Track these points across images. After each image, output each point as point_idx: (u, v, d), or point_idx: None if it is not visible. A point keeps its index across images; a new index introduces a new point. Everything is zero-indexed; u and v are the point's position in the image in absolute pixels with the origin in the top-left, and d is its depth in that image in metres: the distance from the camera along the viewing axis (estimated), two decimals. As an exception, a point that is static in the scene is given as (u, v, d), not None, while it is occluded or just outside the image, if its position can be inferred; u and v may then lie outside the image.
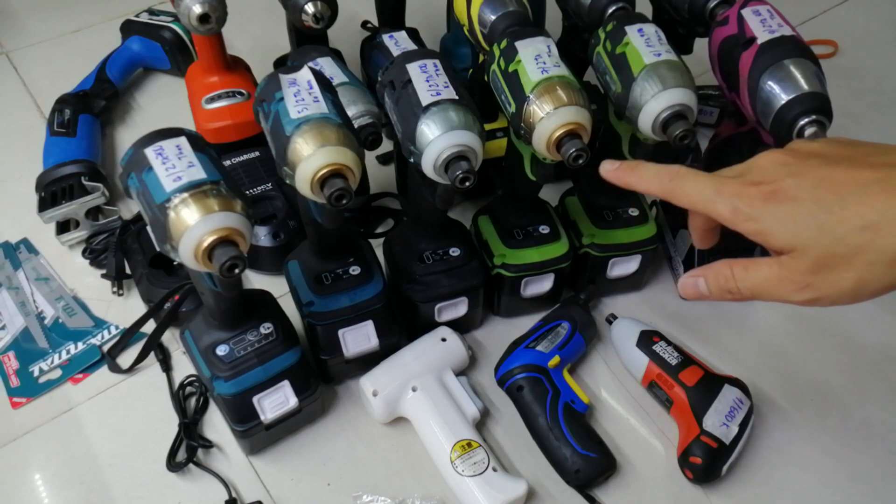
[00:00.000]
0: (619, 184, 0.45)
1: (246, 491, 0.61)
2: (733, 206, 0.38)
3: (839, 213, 0.35)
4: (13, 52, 1.06)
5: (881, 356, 0.72)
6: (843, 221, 0.35)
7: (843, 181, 0.36)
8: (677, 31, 0.68)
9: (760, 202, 0.37)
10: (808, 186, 0.36)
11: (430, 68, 0.54)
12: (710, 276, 0.41)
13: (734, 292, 0.40)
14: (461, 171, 0.50)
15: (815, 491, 0.62)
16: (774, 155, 0.39)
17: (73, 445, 0.64)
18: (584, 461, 0.60)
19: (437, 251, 0.66)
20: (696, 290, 0.42)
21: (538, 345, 0.66)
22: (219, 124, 0.80)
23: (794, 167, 0.37)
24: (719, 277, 0.40)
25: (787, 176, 0.37)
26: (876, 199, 0.35)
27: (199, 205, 0.43)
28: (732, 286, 0.40)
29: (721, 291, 0.41)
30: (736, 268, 0.40)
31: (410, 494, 0.60)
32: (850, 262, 0.35)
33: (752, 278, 0.39)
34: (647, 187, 0.43)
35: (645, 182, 0.43)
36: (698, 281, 0.41)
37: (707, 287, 0.41)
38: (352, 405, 0.66)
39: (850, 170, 0.36)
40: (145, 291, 0.71)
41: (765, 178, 0.38)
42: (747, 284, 0.39)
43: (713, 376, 0.64)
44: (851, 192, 0.35)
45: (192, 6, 0.70)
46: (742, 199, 0.38)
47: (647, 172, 0.43)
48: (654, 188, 0.42)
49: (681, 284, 0.43)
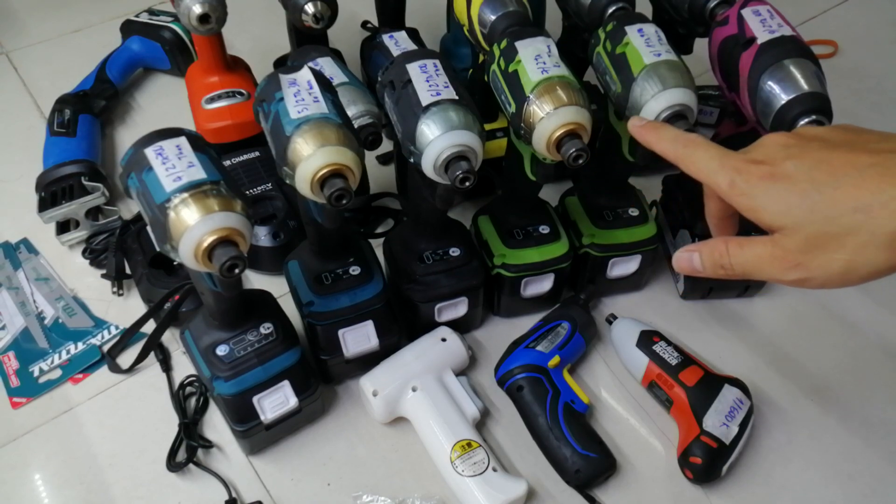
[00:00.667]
0: (640, 140, 0.46)
1: (246, 491, 0.61)
2: (731, 180, 0.39)
3: (832, 194, 0.35)
4: (13, 52, 1.06)
5: (881, 356, 0.72)
6: (836, 202, 0.35)
7: (840, 164, 0.36)
8: (677, 31, 0.68)
9: (757, 179, 0.38)
10: (806, 168, 0.37)
11: (430, 68, 0.54)
12: (706, 251, 0.41)
13: (727, 268, 0.40)
14: (461, 171, 0.50)
15: (815, 491, 0.62)
16: (779, 137, 0.40)
17: (73, 445, 0.64)
18: (584, 461, 0.60)
19: (437, 251, 0.66)
20: (691, 265, 0.42)
21: (538, 345, 0.66)
22: (219, 124, 0.80)
23: (795, 149, 0.38)
24: (714, 253, 0.41)
25: (787, 157, 0.38)
26: (871, 182, 0.35)
27: (199, 205, 0.43)
28: (726, 262, 0.40)
29: (714, 267, 0.41)
30: (731, 244, 0.40)
31: (410, 494, 0.60)
32: (841, 243, 0.35)
33: (745, 255, 0.39)
34: (663, 149, 0.44)
35: (663, 143, 0.44)
36: (693, 256, 0.42)
37: (701, 262, 0.42)
38: (352, 405, 0.67)
39: (849, 154, 0.36)
40: (145, 291, 0.71)
41: (766, 158, 0.38)
42: (740, 261, 0.40)
43: (713, 376, 0.64)
44: (847, 174, 0.35)
45: (192, 6, 0.70)
46: (741, 175, 0.38)
47: (668, 134, 0.44)
48: (669, 151, 0.43)
49: (675, 258, 0.43)
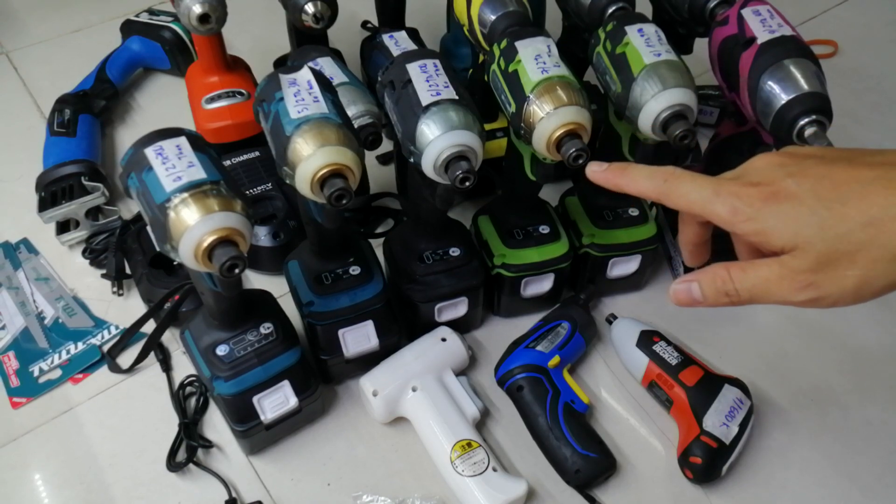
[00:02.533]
0: (609, 187, 0.43)
1: (246, 491, 0.61)
2: (732, 207, 0.37)
3: (841, 210, 0.34)
4: (13, 52, 1.06)
5: (881, 356, 0.72)
6: (845, 218, 0.34)
7: (843, 179, 0.35)
8: (677, 31, 0.68)
9: (760, 202, 0.36)
10: (808, 185, 0.36)
11: (430, 68, 0.54)
12: (706, 279, 0.39)
13: (732, 295, 0.38)
14: (461, 171, 0.50)
15: (814, 491, 0.62)
16: (770, 157, 0.38)
17: (73, 445, 0.64)
18: (584, 461, 0.60)
19: (437, 251, 0.66)
20: (690, 297, 0.39)
21: (538, 345, 0.66)
22: (219, 124, 0.80)
23: (792, 167, 0.37)
24: (716, 280, 0.38)
25: (785, 176, 0.36)
26: (878, 196, 0.34)
27: (199, 205, 0.43)
28: (730, 288, 0.38)
29: (717, 295, 0.39)
30: (733, 270, 0.38)
31: (410, 494, 0.60)
32: (853, 260, 0.34)
33: (751, 279, 0.37)
34: (641, 190, 0.41)
35: (637, 184, 0.41)
36: (692, 286, 0.39)
37: (702, 292, 0.39)
38: (352, 405, 0.66)
39: (849, 169, 0.36)
40: (145, 291, 0.71)
41: (763, 179, 0.37)
42: (746, 286, 0.38)
43: (713, 376, 0.64)
44: (852, 189, 0.35)
45: (192, 6, 0.70)
46: (741, 199, 0.37)
47: (640, 174, 0.41)
48: (649, 190, 0.40)
49: (673, 291, 0.40)
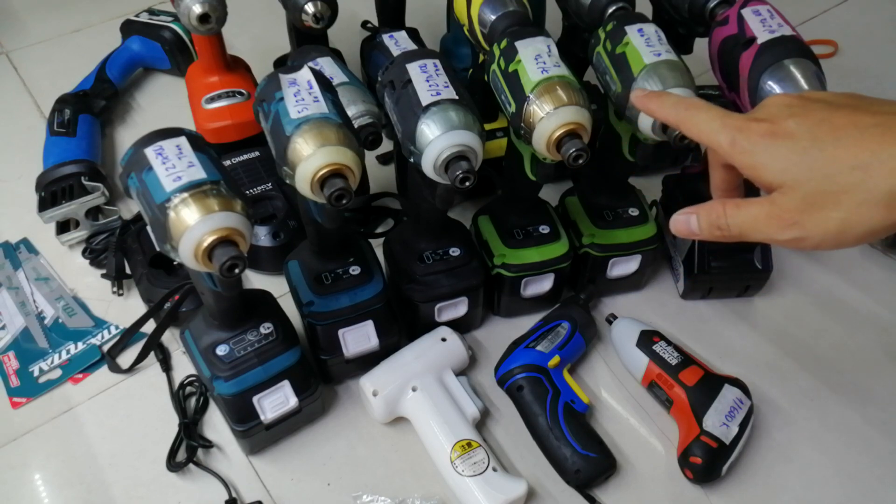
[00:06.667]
0: (643, 109, 0.47)
1: (246, 491, 0.61)
2: (732, 138, 0.39)
3: (832, 152, 0.36)
4: (13, 52, 1.06)
5: (881, 356, 0.72)
6: (835, 160, 0.35)
7: (842, 124, 0.36)
8: (677, 31, 0.68)
9: (759, 136, 0.38)
10: (807, 126, 0.37)
11: (430, 68, 0.54)
12: (703, 212, 0.41)
13: (723, 229, 0.40)
14: (461, 171, 0.50)
15: (814, 491, 0.62)
16: (783, 97, 0.40)
17: (73, 445, 0.64)
18: (584, 461, 0.60)
19: (437, 251, 0.66)
20: (687, 227, 0.42)
21: (538, 345, 0.66)
22: (219, 124, 0.80)
23: (798, 109, 0.38)
24: (711, 214, 0.41)
25: (789, 116, 0.38)
26: (872, 142, 0.35)
27: (199, 205, 0.43)
28: (723, 223, 0.40)
29: (711, 228, 0.41)
30: (728, 205, 0.40)
31: (410, 494, 0.60)
32: (837, 201, 0.35)
33: (742, 215, 0.39)
34: (665, 115, 0.44)
35: (664, 109, 0.44)
36: (690, 218, 0.42)
37: (698, 224, 0.42)
38: (352, 405, 0.66)
39: (852, 114, 0.37)
40: (145, 291, 0.71)
41: (768, 116, 0.39)
42: (737, 221, 0.40)
43: (713, 376, 0.64)
44: (849, 133, 0.36)
45: (192, 6, 0.70)
46: (742, 133, 0.39)
47: (669, 101, 0.44)
48: (671, 116, 0.44)
49: (673, 221, 0.43)
